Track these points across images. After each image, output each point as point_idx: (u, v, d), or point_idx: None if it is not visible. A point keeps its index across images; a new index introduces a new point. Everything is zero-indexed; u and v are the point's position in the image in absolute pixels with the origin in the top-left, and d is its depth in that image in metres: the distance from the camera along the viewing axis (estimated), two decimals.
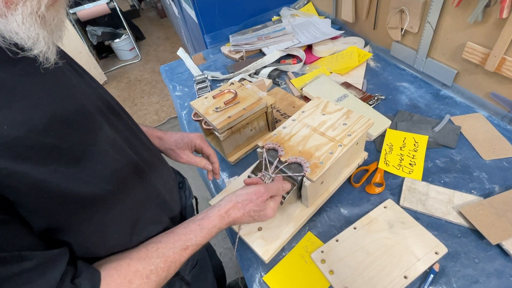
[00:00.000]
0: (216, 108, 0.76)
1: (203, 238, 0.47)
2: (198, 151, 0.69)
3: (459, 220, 0.59)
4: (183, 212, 0.60)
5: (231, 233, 0.67)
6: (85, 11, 2.68)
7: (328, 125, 0.63)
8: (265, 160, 0.60)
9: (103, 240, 0.40)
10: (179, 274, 0.56)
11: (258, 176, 0.61)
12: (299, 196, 0.63)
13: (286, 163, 0.58)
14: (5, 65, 0.30)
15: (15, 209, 0.31)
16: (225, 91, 0.80)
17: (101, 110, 0.41)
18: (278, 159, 0.59)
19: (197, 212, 0.69)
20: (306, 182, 0.55)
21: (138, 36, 3.47)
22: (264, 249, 0.58)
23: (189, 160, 0.66)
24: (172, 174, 0.58)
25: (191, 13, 1.45)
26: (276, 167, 0.59)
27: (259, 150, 0.63)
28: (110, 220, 0.39)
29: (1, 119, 0.28)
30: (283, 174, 0.58)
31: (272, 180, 0.59)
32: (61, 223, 0.34)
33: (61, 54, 0.37)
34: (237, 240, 0.60)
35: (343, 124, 0.63)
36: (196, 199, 0.72)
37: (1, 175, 0.28)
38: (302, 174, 0.56)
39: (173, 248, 0.44)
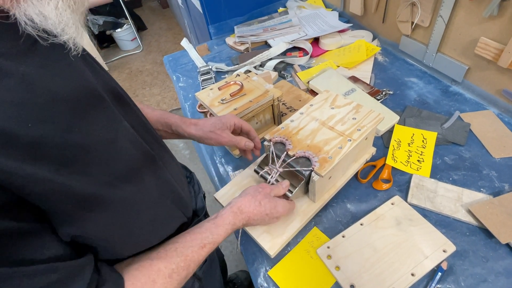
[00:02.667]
0: (222, 100, 0.74)
1: (219, 235, 0.47)
2: (236, 130, 0.66)
3: (467, 218, 0.58)
4: (193, 207, 0.59)
5: None
6: None
7: (337, 119, 0.62)
8: (272, 153, 0.59)
9: (126, 242, 0.39)
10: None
11: (265, 169, 0.60)
12: (306, 191, 0.62)
13: (294, 157, 0.57)
14: (23, 57, 0.27)
15: (46, 217, 0.30)
16: (231, 82, 0.78)
17: (115, 101, 0.39)
18: (285, 152, 0.58)
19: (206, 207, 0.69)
20: (315, 177, 0.54)
21: (140, 26, 3.42)
22: (270, 243, 0.57)
23: (231, 139, 0.63)
24: (180, 169, 0.57)
25: (196, 2, 1.43)
26: (284, 161, 0.57)
27: (266, 143, 0.61)
28: (131, 221, 0.38)
29: (25, 116, 0.26)
30: (291, 169, 0.56)
31: (279, 174, 0.58)
32: (87, 229, 0.33)
33: None
34: (240, 232, 0.59)
35: (353, 118, 0.61)
36: (204, 195, 0.71)
37: (26, 181, 0.26)
38: (311, 168, 0.54)
39: (191, 247, 0.44)
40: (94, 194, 0.32)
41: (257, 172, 0.61)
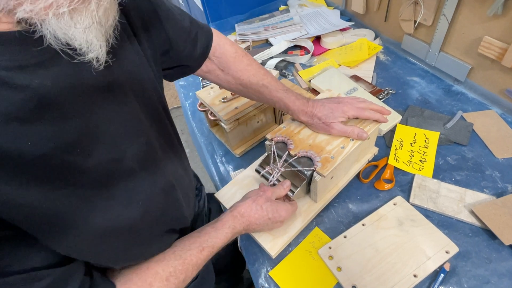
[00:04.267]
0: (223, 99, 0.73)
1: (218, 239, 0.46)
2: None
3: (470, 219, 0.58)
4: (194, 220, 0.58)
5: None
6: None
7: None
8: (274, 153, 0.58)
9: (116, 260, 0.38)
10: None
11: (266, 169, 0.59)
12: (308, 191, 0.61)
13: (296, 157, 0.56)
14: (39, 69, 0.26)
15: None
16: None
17: (138, 121, 0.36)
18: (287, 152, 0.57)
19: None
20: (317, 177, 0.54)
21: None
22: (271, 244, 0.57)
23: (341, 132, 0.58)
24: (192, 184, 0.56)
25: (196, 0, 1.42)
26: (285, 160, 0.57)
27: (267, 143, 0.61)
28: (131, 245, 0.37)
29: (28, 133, 0.25)
30: (292, 168, 0.56)
31: (280, 174, 0.58)
32: (76, 250, 0.31)
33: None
34: None
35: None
36: (210, 209, 0.70)
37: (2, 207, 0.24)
38: (313, 168, 0.54)
39: (190, 250, 0.43)
40: (85, 217, 0.30)
41: (258, 172, 0.61)
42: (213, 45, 0.56)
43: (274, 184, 0.58)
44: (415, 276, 0.52)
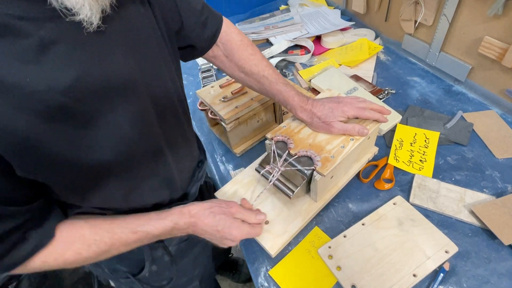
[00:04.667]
0: (223, 98, 0.73)
1: (156, 228, 0.46)
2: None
3: (470, 219, 0.58)
4: (187, 190, 0.59)
5: None
6: None
7: None
8: (274, 152, 0.58)
9: (91, 197, 0.42)
10: (162, 242, 0.58)
11: (266, 168, 0.59)
12: (308, 190, 0.61)
13: (296, 156, 0.56)
14: (47, 23, 0.30)
15: None
16: (233, 80, 0.78)
17: (135, 83, 0.39)
18: (287, 151, 0.57)
19: (202, 196, 0.69)
20: (317, 176, 0.54)
21: None
22: (271, 243, 0.57)
23: (342, 130, 0.58)
24: (192, 155, 0.57)
25: None
26: (285, 160, 0.57)
27: (267, 142, 0.61)
28: (104, 184, 0.41)
29: (27, 72, 0.29)
30: (292, 168, 0.56)
31: (280, 173, 0.58)
32: (48, 180, 0.36)
33: (115, 21, 0.36)
34: None
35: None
36: (207, 184, 0.70)
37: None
38: (313, 168, 0.54)
39: (124, 228, 0.45)
40: (63, 151, 0.35)
41: (258, 171, 0.61)
42: (220, 32, 0.59)
43: (274, 184, 0.58)
44: (414, 275, 0.52)
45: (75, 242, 0.41)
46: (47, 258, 0.39)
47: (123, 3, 0.37)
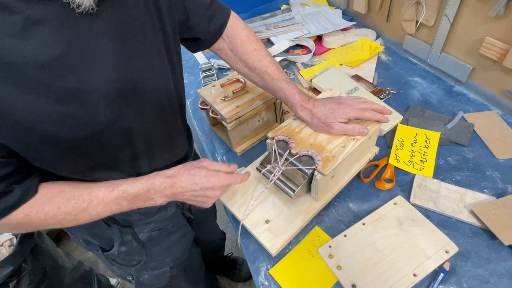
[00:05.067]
0: (224, 97, 0.73)
1: (131, 187, 0.47)
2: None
3: (470, 219, 0.58)
4: None
5: (235, 223, 0.66)
6: None
7: None
8: (275, 151, 0.58)
9: (58, 169, 0.44)
10: (132, 228, 0.59)
11: (267, 168, 0.60)
12: (308, 190, 0.61)
13: (297, 156, 0.56)
14: (38, 3, 0.32)
15: None
16: (234, 79, 0.78)
17: (117, 69, 0.40)
18: (288, 151, 0.57)
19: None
20: (318, 176, 0.54)
21: None
22: (272, 242, 0.57)
23: (342, 131, 0.57)
24: (171, 152, 0.56)
25: None
26: (286, 159, 0.57)
27: (268, 141, 0.61)
28: (71, 159, 0.42)
29: (8, 45, 0.31)
30: (293, 167, 0.56)
31: (281, 173, 0.58)
32: (12, 145, 0.37)
33: (110, 7, 0.37)
34: (240, 227, 0.59)
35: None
36: None
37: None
38: (314, 167, 0.54)
39: (102, 186, 0.46)
40: (32, 121, 0.35)
41: (259, 170, 0.61)
42: (227, 26, 0.60)
43: (275, 183, 0.58)
44: (414, 275, 0.52)
45: (55, 196, 0.42)
46: (29, 211, 0.40)
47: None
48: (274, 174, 0.58)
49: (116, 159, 0.47)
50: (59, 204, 0.42)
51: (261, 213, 0.60)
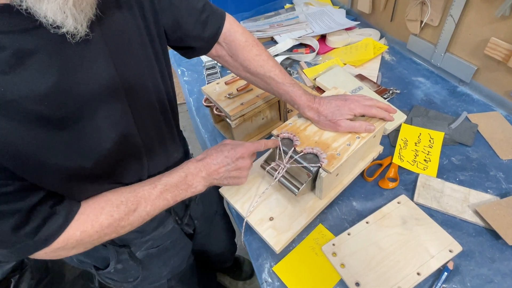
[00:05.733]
0: (229, 95, 0.73)
1: (171, 177, 0.49)
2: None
3: (474, 219, 0.58)
4: None
5: (239, 221, 0.66)
6: None
7: None
8: (280, 149, 0.58)
9: (74, 196, 0.43)
10: (129, 247, 0.59)
11: (272, 165, 0.60)
12: (313, 188, 0.61)
13: (302, 153, 0.56)
14: (25, 35, 0.31)
15: None
16: (238, 77, 0.78)
17: (115, 88, 0.40)
18: (293, 148, 0.57)
19: None
20: (322, 173, 0.54)
21: None
22: (276, 239, 0.57)
23: (349, 128, 0.58)
24: (170, 157, 0.57)
25: None
26: (291, 157, 0.57)
27: (273, 139, 0.61)
28: (84, 186, 0.43)
29: (2, 82, 0.30)
30: (298, 165, 0.56)
31: (285, 170, 0.58)
32: (32, 180, 0.37)
33: (98, 28, 0.37)
34: (244, 224, 0.59)
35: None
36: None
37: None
38: (319, 165, 0.54)
39: (144, 186, 0.47)
40: (42, 157, 0.35)
41: (264, 168, 0.61)
42: (223, 31, 0.58)
43: (279, 180, 0.58)
44: (418, 274, 0.52)
45: (104, 206, 0.43)
46: (84, 227, 0.40)
47: (106, 10, 0.37)
48: (279, 172, 0.58)
49: (127, 175, 0.48)
50: (111, 212, 0.43)
51: (265, 210, 0.60)
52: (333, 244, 0.57)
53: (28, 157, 0.34)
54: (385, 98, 0.86)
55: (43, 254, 0.39)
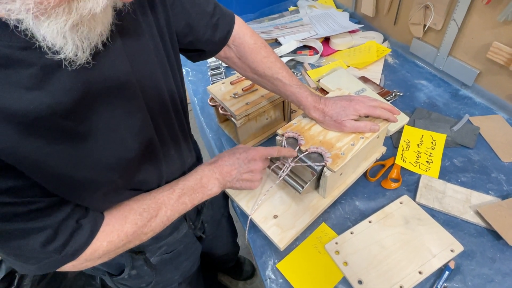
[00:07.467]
0: (234, 94, 0.75)
1: (188, 180, 0.50)
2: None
3: (475, 220, 0.59)
4: None
5: (243, 219, 0.67)
6: None
7: None
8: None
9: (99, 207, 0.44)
10: (144, 254, 0.60)
11: (276, 164, 0.61)
12: (317, 187, 0.62)
13: (307, 152, 0.57)
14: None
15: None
16: (243, 77, 0.79)
17: (136, 96, 0.40)
18: (298, 147, 0.58)
19: None
20: (327, 172, 0.55)
21: None
22: (280, 237, 0.58)
23: (354, 128, 0.59)
24: (185, 161, 0.57)
25: None
26: (296, 156, 0.58)
27: (278, 138, 0.62)
28: (105, 198, 0.43)
29: (31, 99, 0.30)
30: (303, 163, 0.57)
31: (290, 169, 0.59)
32: (65, 195, 0.37)
33: (115, 38, 0.36)
34: (248, 222, 0.60)
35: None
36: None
37: (7, 153, 0.30)
38: (323, 164, 0.55)
39: (162, 191, 0.48)
40: (67, 171, 0.35)
41: (268, 167, 0.62)
42: (233, 34, 0.58)
43: (284, 179, 0.59)
44: (420, 273, 0.53)
45: (127, 215, 0.44)
46: (111, 238, 0.41)
47: (124, 19, 0.37)
48: (284, 170, 0.59)
49: (147, 178, 0.49)
50: (135, 220, 0.44)
51: (269, 208, 0.61)
52: (336, 243, 0.58)
53: (58, 173, 0.34)
54: (388, 100, 0.87)
55: (71, 266, 0.39)
